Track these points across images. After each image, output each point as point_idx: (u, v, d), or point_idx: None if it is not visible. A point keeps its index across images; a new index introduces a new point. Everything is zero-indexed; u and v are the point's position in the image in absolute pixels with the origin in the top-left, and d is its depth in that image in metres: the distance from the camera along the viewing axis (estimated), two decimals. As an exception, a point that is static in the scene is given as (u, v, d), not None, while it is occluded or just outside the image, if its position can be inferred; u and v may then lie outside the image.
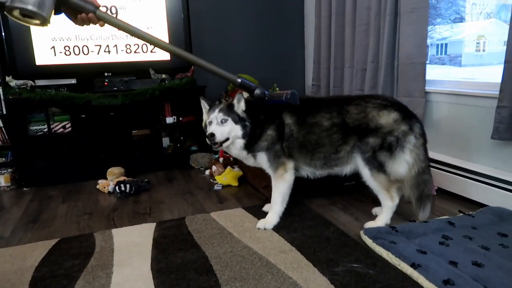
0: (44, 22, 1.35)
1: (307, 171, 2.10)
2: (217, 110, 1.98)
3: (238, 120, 1.97)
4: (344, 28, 3.26)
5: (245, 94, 2.02)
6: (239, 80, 1.91)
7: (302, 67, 4.20)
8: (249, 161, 2.12)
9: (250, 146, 2.02)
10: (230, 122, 1.96)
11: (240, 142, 2.00)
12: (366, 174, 1.95)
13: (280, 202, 2.06)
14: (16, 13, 1.31)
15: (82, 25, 1.54)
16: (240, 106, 1.98)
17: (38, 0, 1.28)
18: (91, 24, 1.54)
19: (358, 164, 1.97)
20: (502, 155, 2.19)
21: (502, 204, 2.09)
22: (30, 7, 1.27)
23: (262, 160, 2.05)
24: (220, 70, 1.87)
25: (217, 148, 2.02)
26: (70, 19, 1.53)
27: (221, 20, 3.81)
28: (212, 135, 1.93)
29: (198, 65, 1.86)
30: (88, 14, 1.50)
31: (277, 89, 3.59)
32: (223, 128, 1.96)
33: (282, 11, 4.02)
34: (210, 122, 1.98)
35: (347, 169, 2.04)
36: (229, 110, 1.98)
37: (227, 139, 1.97)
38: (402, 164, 1.88)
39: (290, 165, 2.03)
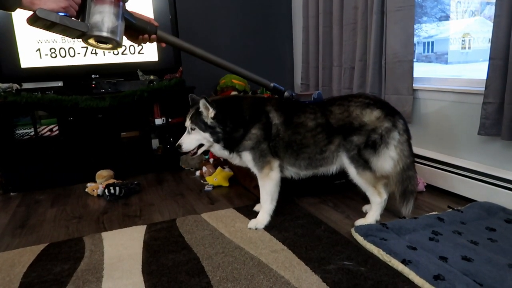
0: (117, 45, 1.48)
1: (291, 172, 2.10)
2: (188, 117, 2.01)
3: (205, 128, 1.97)
4: (331, 27, 3.27)
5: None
6: (272, 84, 2.03)
7: (291, 66, 4.21)
8: (235, 160, 2.11)
9: (232, 146, 2.03)
10: (197, 130, 1.98)
11: (216, 145, 2.02)
12: (353, 172, 1.96)
13: (269, 201, 2.06)
14: (91, 40, 1.44)
15: (140, 44, 1.65)
16: (208, 113, 1.96)
17: (111, 28, 1.41)
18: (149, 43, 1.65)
19: (344, 162, 1.98)
20: (488, 150, 2.23)
21: (489, 199, 2.13)
22: (105, 34, 1.40)
23: (247, 159, 2.04)
24: (255, 76, 2.00)
25: (191, 156, 2.07)
26: (129, 39, 1.61)
27: (209, 21, 3.80)
28: (179, 146, 2.01)
29: (238, 74, 1.98)
30: (151, 35, 1.60)
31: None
32: (191, 137, 2.00)
33: (270, 11, 4.02)
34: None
35: (332, 169, 2.06)
36: (197, 117, 1.97)
37: (201, 145, 2.02)
38: (387, 160, 1.90)
39: (275, 164, 2.03)
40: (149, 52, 3.29)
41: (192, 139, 2.01)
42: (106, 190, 2.63)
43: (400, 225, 1.89)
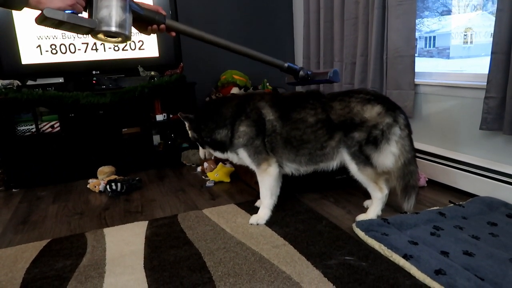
0: (126, 39, 1.48)
1: (291, 168, 2.09)
2: None
3: (193, 138, 2.20)
4: (332, 22, 3.26)
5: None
6: (286, 64, 2.03)
7: (292, 62, 4.16)
8: (234, 159, 2.15)
9: (221, 147, 2.10)
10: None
11: (210, 149, 2.18)
12: (354, 168, 1.95)
13: (269, 196, 2.06)
14: (100, 35, 1.44)
15: (150, 34, 1.63)
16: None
17: (119, 21, 1.41)
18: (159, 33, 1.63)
19: (344, 159, 1.97)
20: (490, 145, 2.22)
21: (491, 193, 2.12)
22: (113, 29, 1.40)
23: (243, 156, 2.06)
24: (268, 57, 1.99)
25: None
26: (138, 30, 1.60)
27: (209, 16, 3.78)
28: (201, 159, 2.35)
29: (249, 56, 1.94)
30: (160, 25, 1.58)
31: (267, 84, 3.59)
32: (200, 148, 2.26)
33: (270, 6, 4.00)
34: None
35: (332, 165, 2.04)
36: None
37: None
38: (389, 156, 1.89)
39: (272, 159, 2.03)
40: (150, 48, 3.28)
41: (200, 150, 2.26)
42: (107, 186, 2.64)
43: (401, 220, 1.89)
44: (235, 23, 3.90)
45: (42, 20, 1.29)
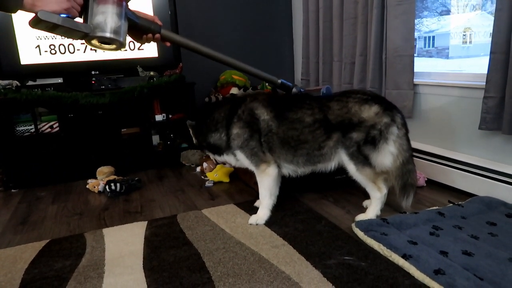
0: (121, 46, 1.47)
1: (288, 169, 2.09)
2: None
3: (196, 144, 2.27)
4: (331, 22, 3.26)
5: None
6: (279, 81, 2.06)
7: (291, 62, 4.20)
8: (232, 161, 2.16)
9: (217, 151, 2.14)
10: None
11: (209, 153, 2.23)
12: (352, 169, 1.95)
13: (268, 196, 2.06)
14: (94, 41, 1.43)
15: (144, 43, 1.65)
16: None
17: (114, 28, 1.40)
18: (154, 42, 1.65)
19: (343, 159, 1.96)
20: (489, 145, 2.22)
21: (490, 193, 2.13)
22: (108, 35, 1.40)
23: (241, 157, 2.07)
24: (262, 72, 2.04)
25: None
26: (133, 38, 1.61)
27: (208, 17, 3.79)
28: None
29: (244, 71, 2.00)
30: (155, 35, 1.59)
31: (267, 84, 3.59)
32: None
33: (269, 6, 4.00)
34: None
35: (330, 165, 2.04)
36: None
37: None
38: (387, 155, 1.89)
39: (271, 160, 2.04)
40: (149, 48, 3.28)
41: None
42: (107, 187, 2.63)
43: (401, 220, 1.89)
44: (234, 23, 3.90)
45: (36, 22, 1.28)
